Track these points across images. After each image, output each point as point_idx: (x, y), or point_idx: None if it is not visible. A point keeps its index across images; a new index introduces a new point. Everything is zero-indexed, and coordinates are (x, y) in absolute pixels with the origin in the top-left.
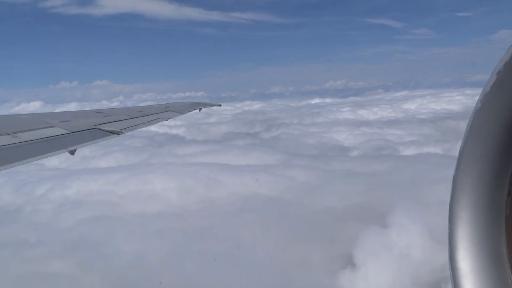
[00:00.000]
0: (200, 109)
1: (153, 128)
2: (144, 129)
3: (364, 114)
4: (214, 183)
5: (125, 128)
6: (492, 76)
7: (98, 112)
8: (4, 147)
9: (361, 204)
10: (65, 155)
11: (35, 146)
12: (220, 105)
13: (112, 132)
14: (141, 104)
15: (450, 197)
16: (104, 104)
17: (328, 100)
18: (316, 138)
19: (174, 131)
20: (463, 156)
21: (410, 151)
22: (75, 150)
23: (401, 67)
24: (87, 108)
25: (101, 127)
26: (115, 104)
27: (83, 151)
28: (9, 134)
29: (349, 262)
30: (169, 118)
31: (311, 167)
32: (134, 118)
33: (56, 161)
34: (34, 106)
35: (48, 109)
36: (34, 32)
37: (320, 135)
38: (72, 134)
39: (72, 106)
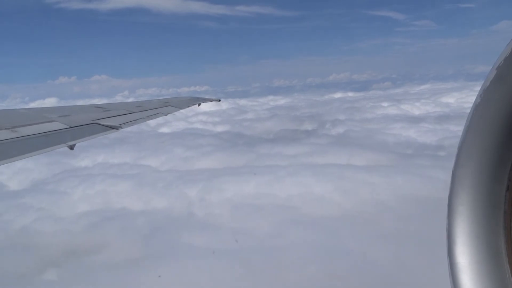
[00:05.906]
0: (199, 104)
1: (198, 125)
2: (191, 127)
3: (408, 109)
4: (367, 185)
5: (124, 123)
6: (492, 71)
7: (97, 107)
8: (3, 142)
9: None
10: (171, 156)
11: (34, 141)
12: (220, 100)
13: (111, 127)
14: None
15: (449, 192)
16: (118, 99)
17: (350, 94)
18: (387, 135)
19: (220, 129)
20: (462, 151)
21: None
22: (74, 145)
23: (402, 59)
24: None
25: (100, 122)
26: (130, 99)
27: (179, 152)
28: (8, 128)
29: None
30: (168, 113)
31: (441, 167)
32: (133, 113)
33: (157, 161)
34: (50, 103)
35: (64, 104)
36: (36, 28)
37: (388, 132)
38: (71, 129)
39: (96, 101)
